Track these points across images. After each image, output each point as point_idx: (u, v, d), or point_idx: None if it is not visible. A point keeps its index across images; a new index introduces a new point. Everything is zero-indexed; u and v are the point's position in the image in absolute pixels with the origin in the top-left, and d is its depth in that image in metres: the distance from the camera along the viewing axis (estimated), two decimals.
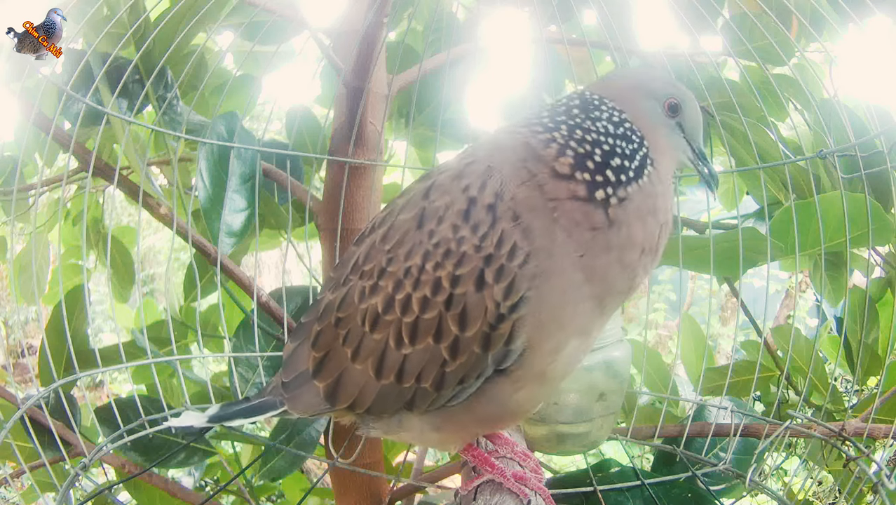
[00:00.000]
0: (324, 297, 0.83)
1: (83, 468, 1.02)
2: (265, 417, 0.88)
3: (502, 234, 0.69)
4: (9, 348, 3.35)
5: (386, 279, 0.74)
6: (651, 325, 4.74)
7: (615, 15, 1.35)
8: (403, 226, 0.75)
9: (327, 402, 0.80)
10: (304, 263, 1.52)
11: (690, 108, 0.81)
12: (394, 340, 0.74)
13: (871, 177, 1.17)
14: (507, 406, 0.77)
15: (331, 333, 0.79)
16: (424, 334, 0.72)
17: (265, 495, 2.24)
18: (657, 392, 1.61)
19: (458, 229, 0.71)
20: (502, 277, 0.69)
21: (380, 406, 0.78)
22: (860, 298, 1.44)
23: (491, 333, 0.70)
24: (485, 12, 1.62)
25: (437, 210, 0.73)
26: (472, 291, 0.70)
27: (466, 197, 0.72)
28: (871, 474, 1.04)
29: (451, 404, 0.75)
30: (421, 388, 0.74)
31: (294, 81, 2.34)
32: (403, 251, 0.73)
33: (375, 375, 0.76)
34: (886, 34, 1.30)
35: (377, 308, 0.74)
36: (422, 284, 0.71)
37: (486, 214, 0.70)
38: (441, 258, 0.71)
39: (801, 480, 1.87)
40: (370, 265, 0.76)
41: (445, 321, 0.71)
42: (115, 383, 3.60)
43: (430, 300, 0.71)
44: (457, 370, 0.72)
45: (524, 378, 0.73)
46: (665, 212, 0.76)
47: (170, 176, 1.87)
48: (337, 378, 0.79)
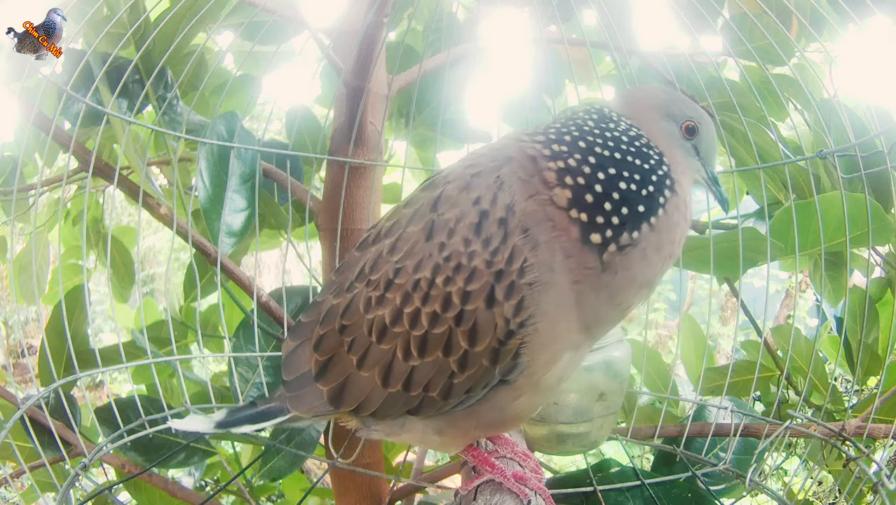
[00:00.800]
0: (325, 299, 0.83)
1: (83, 468, 1.02)
2: (272, 423, 0.87)
3: (513, 250, 0.68)
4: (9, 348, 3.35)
5: (393, 291, 0.73)
6: (651, 325, 4.74)
7: (615, 15, 1.35)
8: (412, 238, 0.74)
9: (331, 404, 0.80)
10: (304, 263, 1.52)
11: (706, 131, 0.80)
12: (402, 352, 0.73)
13: (871, 177, 1.17)
14: (507, 412, 0.77)
15: (335, 339, 0.79)
16: (434, 348, 0.72)
17: (265, 495, 2.24)
18: (657, 392, 1.61)
19: (470, 243, 0.70)
20: (512, 295, 0.68)
21: (385, 411, 0.78)
22: (860, 298, 1.44)
23: (500, 349, 0.70)
24: (485, 12, 1.62)
25: (446, 222, 0.72)
26: (483, 307, 0.69)
27: (478, 210, 0.71)
28: (871, 474, 1.03)
29: (456, 410, 0.76)
30: (428, 396, 0.74)
31: (294, 81, 2.35)
32: (412, 263, 0.73)
33: (382, 384, 0.75)
34: (886, 34, 1.30)
35: (384, 320, 0.74)
36: (432, 298, 0.71)
37: (497, 228, 0.69)
38: (452, 273, 0.70)
39: (801, 480, 1.87)
40: (377, 275, 0.76)
41: (455, 336, 0.71)
42: (115, 383, 3.60)
43: (440, 316, 0.71)
44: (465, 382, 0.72)
45: (523, 386, 0.74)
46: (674, 244, 0.74)
47: (170, 176, 1.87)
48: (342, 383, 0.78)
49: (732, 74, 1.85)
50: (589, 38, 1.49)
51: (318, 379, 0.81)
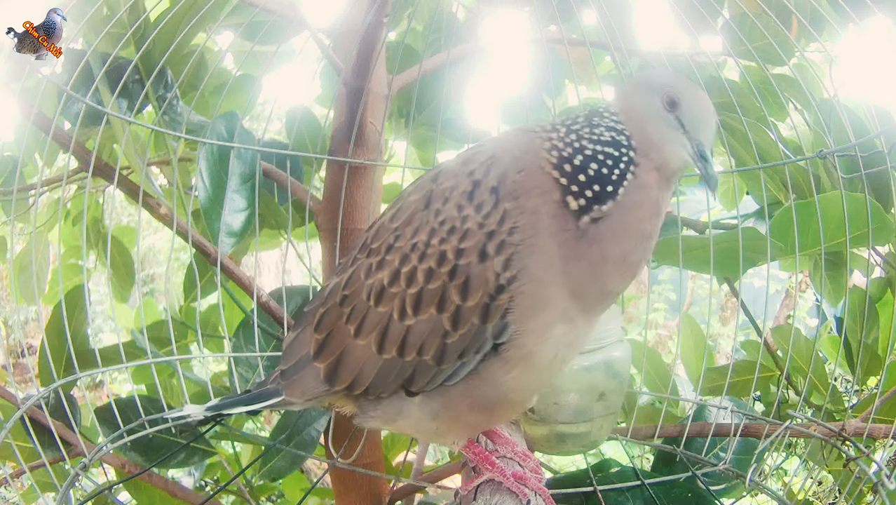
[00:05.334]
0: (329, 282, 0.86)
1: (83, 468, 1.02)
2: (264, 405, 0.89)
3: (504, 213, 0.74)
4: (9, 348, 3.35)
5: (393, 254, 0.78)
6: (651, 325, 4.74)
7: (615, 15, 1.35)
8: (411, 206, 0.80)
9: (327, 382, 0.82)
10: (304, 263, 1.52)
11: (692, 103, 0.78)
12: (398, 312, 0.77)
13: (871, 177, 1.18)
14: (500, 389, 0.78)
15: (335, 313, 0.82)
16: (428, 304, 0.75)
17: (265, 495, 2.24)
18: (657, 392, 1.61)
19: (463, 208, 0.75)
20: (503, 250, 0.73)
21: (379, 384, 0.80)
22: (860, 298, 1.44)
23: (490, 304, 0.73)
24: (485, 12, 1.62)
25: (443, 191, 0.78)
26: (476, 262, 0.73)
27: (472, 180, 0.76)
28: (871, 474, 1.04)
29: (449, 384, 0.78)
30: (422, 361, 0.77)
31: (294, 81, 2.35)
32: (411, 229, 0.78)
33: (377, 350, 0.78)
34: (886, 34, 1.30)
35: (383, 281, 0.78)
36: (427, 256, 0.76)
37: (489, 196, 0.75)
38: (446, 234, 0.75)
39: (801, 480, 1.87)
40: (378, 243, 0.81)
41: (449, 291, 0.74)
42: (115, 383, 3.60)
43: (434, 271, 0.75)
44: (457, 341, 0.75)
45: (514, 358, 0.76)
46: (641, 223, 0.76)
47: (170, 176, 1.87)
48: (338, 357, 0.81)
49: (732, 74, 1.85)
50: (589, 38, 1.49)
51: (315, 358, 0.83)
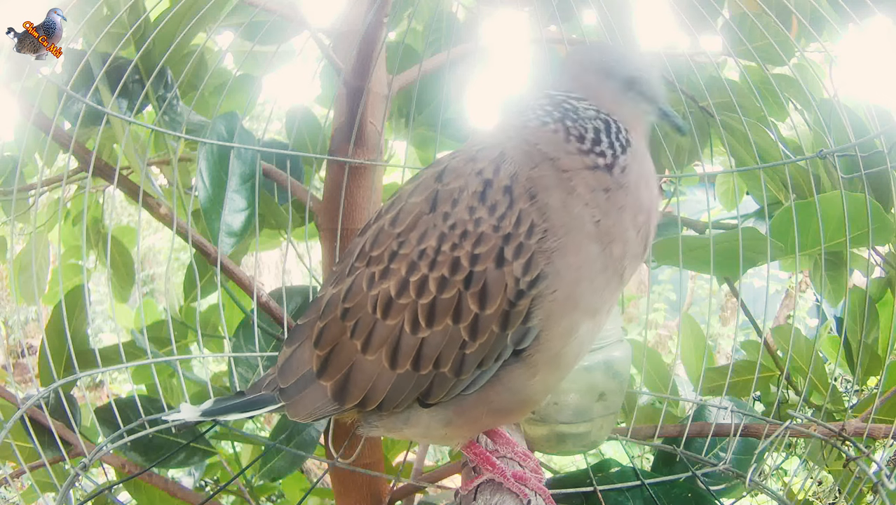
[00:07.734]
0: (324, 293, 0.81)
1: (83, 468, 1.01)
2: (262, 412, 0.85)
3: (520, 214, 0.70)
4: (9, 348, 3.35)
5: (398, 262, 0.73)
6: (651, 325, 4.74)
7: (615, 15, 1.35)
8: (414, 209, 0.74)
9: (336, 401, 0.77)
10: (304, 263, 1.52)
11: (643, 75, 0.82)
12: (409, 325, 0.72)
13: (871, 177, 1.18)
14: (522, 394, 0.76)
15: (336, 327, 0.77)
16: (442, 315, 0.71)
17: (265, 495, 2.24)
18: (657, 392, 1.61)
19: (475, 210, 0.71)
20: (521, 254, 0.69)
21: (394, 399, 0.75)
22: (860, 298, 1.44)
23: (510, 311, 0.70)
24: (485, 12, 1.62)
25: (451, 193, 0.73)
26: (493, 267, 0.70)
27: (482, 179, 0.72)
28: (871, 474, 1.04)
29: (467, 393, 0.74)
30: (439, 374, 0.72)
31: (294, 81, 2.35)
32: (416, 234, 0.73)
33: (390, 365, 0.73)
34: (886, 34, 1.30)
35: (389, 292, 0.73)
36: (439, 264, 0.71)
37: (502, 196, 0.71)
38: (458, 239, 0.71)
39: (801, 480, 1.87)
40: (379, 250, 0.75)
41: (465, 300, 0.70)
42: (115, 383, 3.60)
43: (448, 280, 0.71)
44: (477, 352, 0.71)
45: (539, 362, 0.73)
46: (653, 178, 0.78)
47: (170, 176, 1.87)
48: (346, 373, 0.76)
49: (732, 74, 1.85)
50: (589, 38, 1.49)
51: (319, 375, 0.78)
